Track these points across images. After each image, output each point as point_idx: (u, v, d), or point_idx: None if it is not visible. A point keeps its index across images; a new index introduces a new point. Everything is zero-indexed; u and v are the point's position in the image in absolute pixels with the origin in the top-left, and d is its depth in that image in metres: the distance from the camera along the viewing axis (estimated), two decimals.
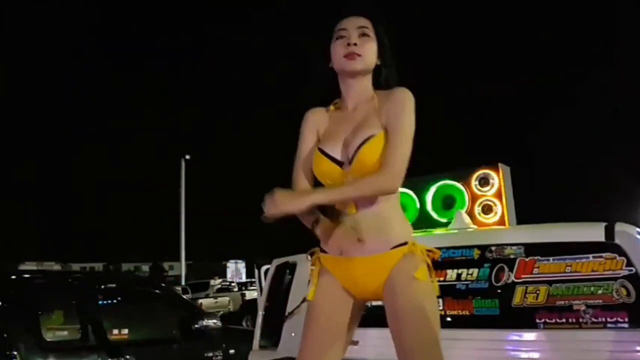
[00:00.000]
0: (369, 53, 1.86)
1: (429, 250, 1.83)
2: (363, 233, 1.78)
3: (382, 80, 1.91)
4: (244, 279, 31.98)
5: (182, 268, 26.62)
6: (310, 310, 1.87)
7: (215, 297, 21.62)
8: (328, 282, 1.86)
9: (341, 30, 1.87)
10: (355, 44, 1.83)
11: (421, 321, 1.72)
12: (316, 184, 1.92)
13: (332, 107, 1.96)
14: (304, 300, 2.59)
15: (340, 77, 1.91)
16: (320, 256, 1.89)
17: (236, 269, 37.70)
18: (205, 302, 19.29)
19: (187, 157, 26.12)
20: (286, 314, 3.23)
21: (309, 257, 1.96)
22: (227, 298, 21.43)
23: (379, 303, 1.85)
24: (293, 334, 3.08)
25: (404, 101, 1.80)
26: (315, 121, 1.96)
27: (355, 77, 1.88)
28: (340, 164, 1.81)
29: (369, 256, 1.78)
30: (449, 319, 2.73)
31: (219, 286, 24.15)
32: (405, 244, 1.79)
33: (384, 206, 1.80)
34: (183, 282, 24.96)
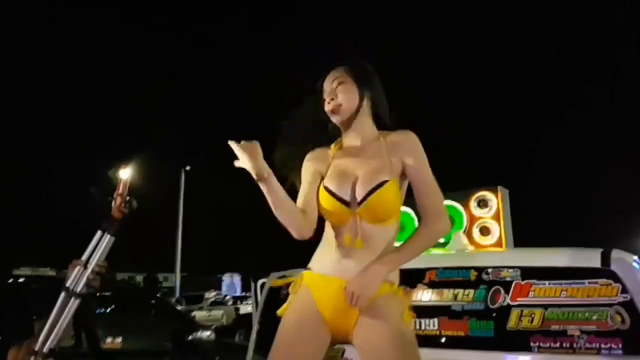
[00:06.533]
0: (348, 98, 1.92)
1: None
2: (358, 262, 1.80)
3: (372, 115, 1.96)
4: (238, 293, 31.77)
5: (176, 280, 26.44)
6: (280, 325, 1.89)
7: (209, 310, 21.47)
8: (303, 300, 1.86)
9: (322, 92, 1.97)
10: (332, 99, 1.92)
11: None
12: (321, 219, 1.93)
13: (333, 147, 2.00)
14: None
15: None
16: (305, 274, 1.91)
17: (231, 283, 37.45)
18: (198, 315, 19.15)
19: (188, 168, 26.10)
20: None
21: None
22: (221, 311, 21.29)
23: None
24: None
25: (417, 147, 1.89)
26: (315, 162, 1.98)
27: (349, 125, 1.95)
28: (347, 203, 1.83)
29: None
30: (443, 339, 2.73)
31: (213, 299, 23.98)
32: (392, 283, 1.82)
33: (384, 246, 1.84)
34: (177, 294, 24.79)
